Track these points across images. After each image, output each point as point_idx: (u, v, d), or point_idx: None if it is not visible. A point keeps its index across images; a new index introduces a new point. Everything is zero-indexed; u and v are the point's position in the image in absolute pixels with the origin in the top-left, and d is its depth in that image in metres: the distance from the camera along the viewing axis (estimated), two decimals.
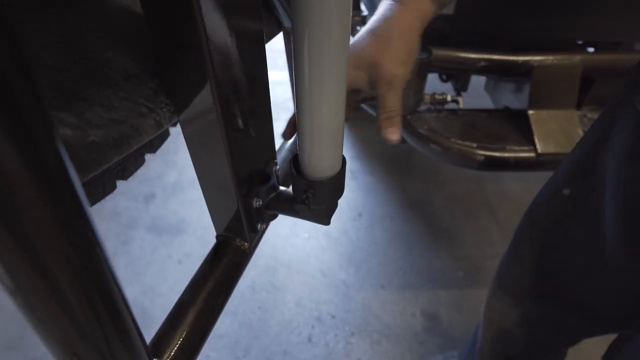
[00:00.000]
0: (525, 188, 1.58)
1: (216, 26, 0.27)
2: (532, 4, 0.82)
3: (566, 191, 0.53)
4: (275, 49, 0.90)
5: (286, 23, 0.55)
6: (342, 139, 0.35)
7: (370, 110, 0.98)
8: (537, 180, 1.50)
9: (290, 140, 0.59)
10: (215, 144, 0.34)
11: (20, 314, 0.21)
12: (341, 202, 0.40)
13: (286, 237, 1.37)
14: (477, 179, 1.61)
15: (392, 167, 1.67)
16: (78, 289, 0.22)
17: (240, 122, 0.34)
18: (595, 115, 0.85)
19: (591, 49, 0.90)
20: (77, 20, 0.31)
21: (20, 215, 0.18)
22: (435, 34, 0.89)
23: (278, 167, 0.43)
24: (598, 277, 0.51)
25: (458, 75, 1.09)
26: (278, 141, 0.47)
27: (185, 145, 0.36)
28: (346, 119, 0.36)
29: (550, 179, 0.57)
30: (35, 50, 0.25)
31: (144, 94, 0.30)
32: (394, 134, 0.48)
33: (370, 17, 1.20)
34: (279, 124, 0.47)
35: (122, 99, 0.28)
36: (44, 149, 0.18)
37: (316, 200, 0.37)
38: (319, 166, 0.36)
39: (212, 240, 0.42)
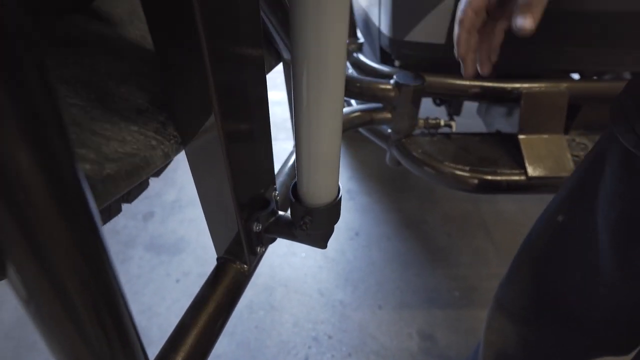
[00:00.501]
0: (520, 208, 1.60)
1: (221, 59, 0.29)
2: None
3: (560, 217, 0.55)
4: (274, 69, 0.93)
5: (285, 55, 0.58)
6: (339, 169, 0.37)
7: (368, 135, 1.01)
8: (533, 201, 1.54)
9: (289, 165, 0.61)
10: (217, 171, 0.36)
11: (15, 332, 0.22)
12: (338, 222, 0.42)
13: (284, 256, 1.38)
14: (473, 199, 1.64)
15: (389, 187, 1.69)
16: (89, 304, 0.23)
17: (242, 149, 0.36)
18: (583, 140, 0.88)
19: (577, 76, 0.94)
20: (93, 58, 0.33)
21: (43, 239, 0.20)
22: (428, 62, 0.93)
23: (277, 192, 0.45)
24: (594, 295, 0.53)
25: (451, 101, 1.12)
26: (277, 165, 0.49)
27: (184, 163, 0.38)
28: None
29: (546, 207, 0.59)
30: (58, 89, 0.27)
31: (154, 127, 0.32)
32: (527, 22, 0.45)
33: (366, 44, 1.23)
34: (278, 144, 0.50)
35: (134, 132, 0.30)
36: (69, 184, 0.20)
37: (314, 225, 0.39)
38: (316, 194, 0.38)
39: (210, 260, 0.44)
